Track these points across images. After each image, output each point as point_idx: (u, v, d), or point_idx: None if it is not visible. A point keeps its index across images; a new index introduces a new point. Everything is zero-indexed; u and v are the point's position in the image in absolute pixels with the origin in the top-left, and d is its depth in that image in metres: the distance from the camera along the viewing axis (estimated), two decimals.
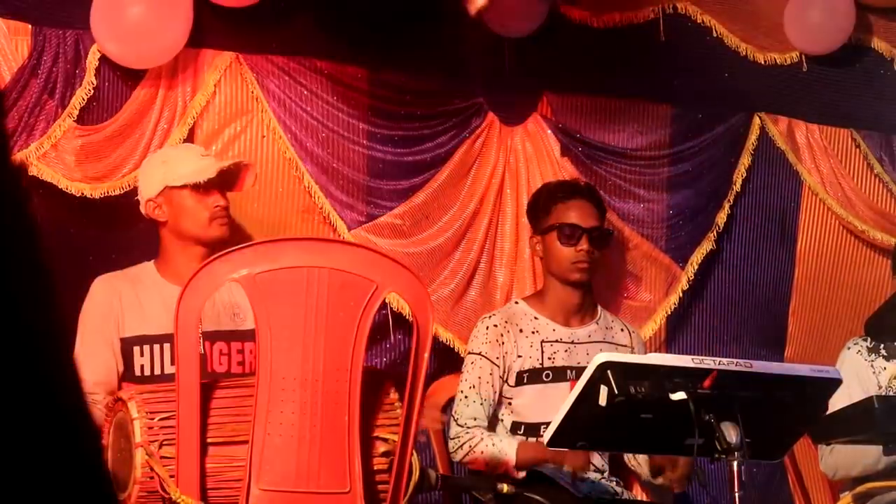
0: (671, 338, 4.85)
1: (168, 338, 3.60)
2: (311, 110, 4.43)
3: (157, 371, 3.73)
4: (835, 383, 3.09)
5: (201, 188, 3.80)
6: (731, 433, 2.95)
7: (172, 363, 3.45)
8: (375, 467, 3.16)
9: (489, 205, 4.62)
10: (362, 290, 3.11)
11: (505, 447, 3.97)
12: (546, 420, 3.38)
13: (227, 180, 3.89)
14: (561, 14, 4.80)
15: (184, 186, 3.80)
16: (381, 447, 3.16)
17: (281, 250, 3.15)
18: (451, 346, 4.48)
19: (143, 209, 3.87)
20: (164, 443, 2.97)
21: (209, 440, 3.01)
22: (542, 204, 4.27)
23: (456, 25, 4.65)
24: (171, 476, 2.94)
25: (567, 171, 4.69)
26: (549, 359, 4.15)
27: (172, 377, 3.17)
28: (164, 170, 3.84)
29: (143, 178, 3.91)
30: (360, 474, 3.05)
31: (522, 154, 4.69)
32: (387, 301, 3.98)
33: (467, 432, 4.02)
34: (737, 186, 4.93)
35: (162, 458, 2.96)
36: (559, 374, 4.13)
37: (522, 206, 4.53)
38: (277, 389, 3.01)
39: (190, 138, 4.22)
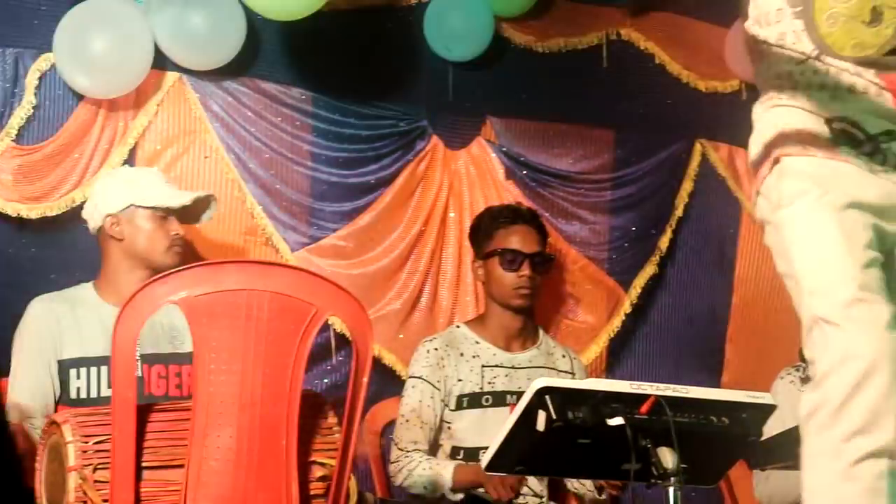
0: (612, 362, 4.87)
1: (106, 360, 3.57)
2: (255, 131, 4.42)
3: (94, 394, 3.70)
4: (769, 409, 3.10)
5: (165, 214, 3.79)
6: (667, 458, 2.96)
7: (110, 386, 3.42)
8: (312, 492, 3.13)
9: (434, 227, 4.63)
10: (302, 313, 3.10)
11: (441, 470, 3.97)
12: (485, 445, 3.38)
13: (189, 211, 3.88)
14: (505, 38, 4.82)
15: (150, 208, 3.78)
16: (318, 471, 3.14)
17: (221, 273, 3.13)
18: (393, 369, 4.47)
19: (97, 223, 3.83)
20: (99, 467, 2.93)
21: (144, 464, 2.97)
22: (484, 229, 4.29)
23: (401, 49, 4.67)
24: (105, 501, 2.90)
25: (511, 194, 4.70)
26: (490, 383, 4.15)
27: (109, 400, 3.14)
28: (133, 189, 3.81)
29: (104, 192, 3.86)
30: (297, 499, 3.02)
31: (466, 177, 4.71)
32: (329, 322, 3.97)
33: (407, 456, 4.02)
34: (679, 211, 4.96)
35: (96, 482, 2.92)
36: (499, 398, 4.13)
37: (466, 230, 4.55)
38: (215, 413, 2.98)
39: (131, 159, 4.20)
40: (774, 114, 2.51)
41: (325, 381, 4.37)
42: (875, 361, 2.25)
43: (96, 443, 2.96)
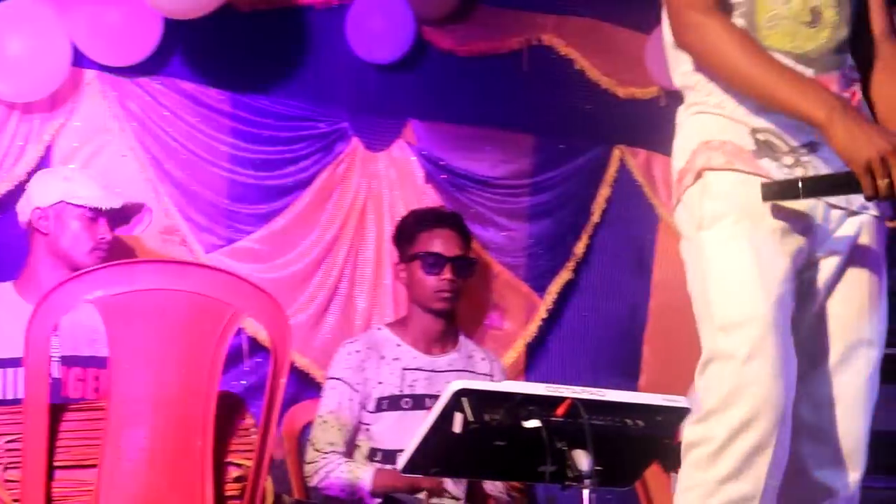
0: (530, 366, 4.88)
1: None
2: (172, 131, 4.38)
3: (11, 395, 3.64)
4: (684, 412, 3.13)
5: (95, 215, 3.75)
6: (582, 461, 2.98)
7: None
8: (228, 493, 3.12)
9: (350, 230, 4.61)
10: (219, 313, 3.08)
11: (361, 474, 3.96)
12: (403, 447, 3.38)
13: (122, 215, 3.84)
14: (427, 42, 4.83)
15: (80, 207, 3.75)
16: (234, 472, 3.13)
17: (137, 272, 3.11)
18: (307, 373, 4.46)
19: (25, 216, 3.79)
20: (10, 466, 2.90)
21: (57, 464, 2.94)
22: (408, 232, 4.29)
23: (322, 50, 4.66)
24: (16, 500, 2.87)
25: (430, 198, 4.71)
26: (410, 386, 4.15)
27: None
28: (66, 185, 3.79)
29: (38, 186, 3.84)
30: (211, 499, 3.01)
31: (386, 180, 4.70)
32: (242, 325, 3.95)
33: (324, 458, 4.00)
34: (595, 217, 4.99)
35: (7, 481, 2.89)
36: (418, 401, 4.13)
37: (384, 232, 4.54)
38: (129, 412, 2.96)
39: (47, 157, 4.15)
40: (699, 121, 2.48)
41: (243, 382, 4.34)
42: (761, 408, 2.27)
43: (7, 441, 2.93)
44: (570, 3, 5.01)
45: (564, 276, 4.91)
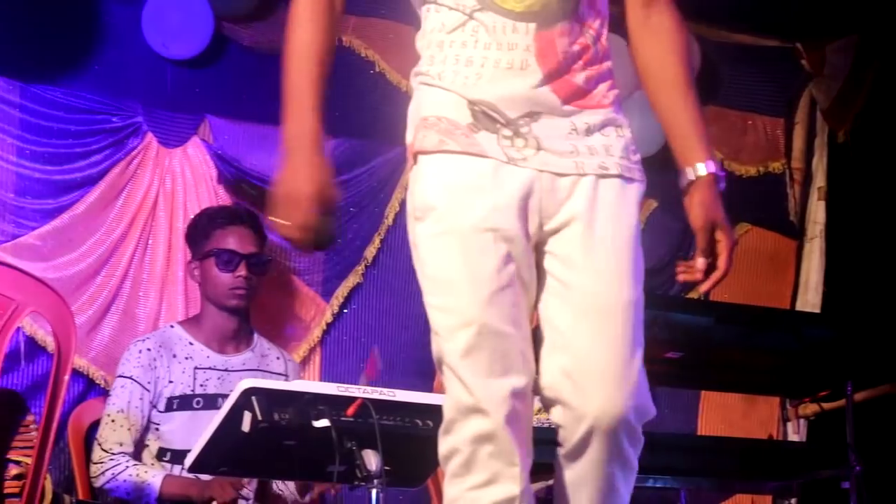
0: (326, 367, 4.86)
1: None
2: None
3: None
4: None
5: None
6: (371, 461, 2.99)
7: None
8: (7, 490, 3.04)
9: (138, 228, 4.50)
10: (1, 308, 3.00)
11: (149, 478, 3.88)
12: (193, 447, 3.34)
13: None
14: (226, 38, 4.77)
15: None
16: (13, 470, 3.05)
17: None
18: (86, 374, 4.35)
19: None
20: None
21: None
22: (202, 229, 4.23)
23: (117, 43, 4.56)
24: None
25: (223, 197, 4.65)
26: (202, 385, 4.09)
27: None
28: None
29: None
30: None
31: (181, 177, 4.62)
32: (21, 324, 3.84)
33: (112, 458, 3.92)
34: (389, 220, 4.99)
35: None
36: (210, 401, 4.08)
37: (176, 230, 4.47)
38: None
39: None
40: (421, 94, 2.35)
41: (25, 381, 4.21)
42: (493, 417, 2.17)
43: None
44: (372, 4, 5.00)
45: (353, 280, 4.89)
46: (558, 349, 2.26)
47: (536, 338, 2.29)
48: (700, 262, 2.32)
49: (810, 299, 5.53)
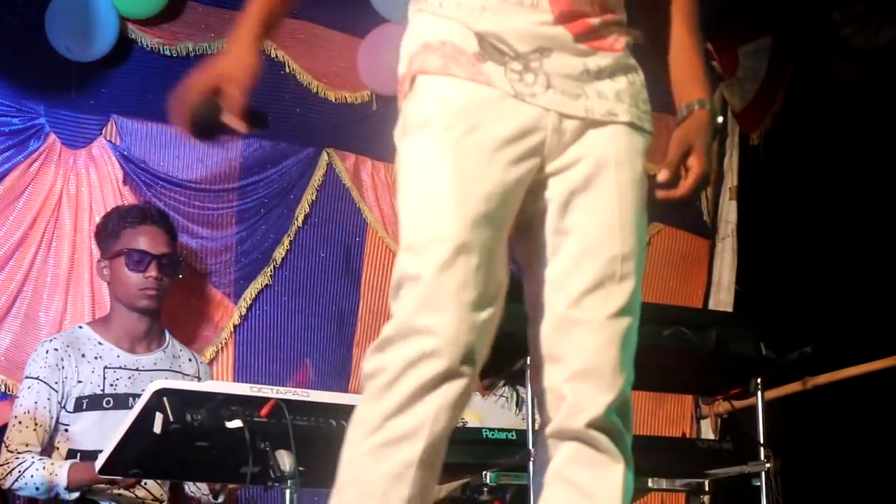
0: (239, 368, 4.81)
1: None
2: None
3: None
4: None
5: None
6: (285, 461, 2.96)
7: None
8: None
9: (39, 230, 4.43)
10: None
11: (56, 469, 3.84)
12: (104, 448, 3.29)
13: None
14: (132, 39, 4.71)
15: None
16: None
17: None
18: None
19: None
20: None
21: None
22: (111, 228, 4.18)
23: (20, 44, 4.49)
24: None
25: (129, 198, 4.58)
26: (112, 385, 4.05)
27: None
28: None
29: None
30: None
31: (86, 178, 4.55)
32: None
33: (17, 458, 3.86)
34: (298, 221, 4.94)
35: None
36: (121, 401, 4.03)
37: (81, 231, 4.42)
38: None
39: None
40: (420, 20, 2.24)
41: None
42: (441, 341, 2.03)
43: None
44: None
45: (262, 280, 4.84)
46: (554, 302, 2.16)
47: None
48: (662, 173, 2.27)
49: (723, 298, 5.58)
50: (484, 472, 3.62)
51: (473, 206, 2.09)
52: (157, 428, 2.92)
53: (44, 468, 3.84)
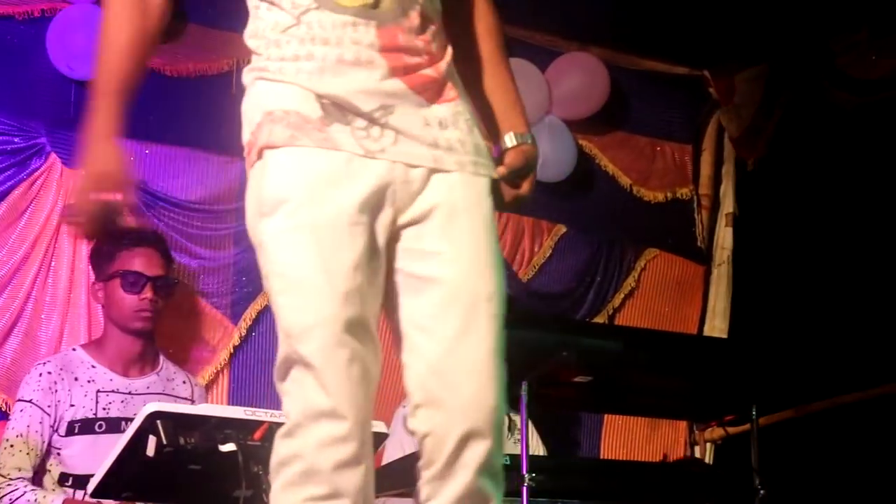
0: (235, 390, 4.80)
1: None
2: None
3: None
4: (381, 437, 3.15)
5: None
6: None
7: None
8: None
9: (41, 250, 4.43)
10: None
11: (48, 503, 3.81)
12: (96, 472, 3.29)
13: None
14: None
15: None
16: None
17: None
18: None
19: None
20: None
21: None
22: (107, 250, 4.17)
23: (21, 63, 4.50)
24: None
25: (128, 219, 4.57)
26: (104, 409, 4.03)
27: None
28: None
29: None
30: None
31: None
32: None
33: (9, 483, 3.85)
34: None
35: None
36: (113, 424, 4.01)
37: (80, 252, 4.41)
38: None
39: None
40: (261, 88, 2.26)
41: None
42: (348, 421, 2.10)
43: None
44: None
45: (262, 301, 4.83)
46: (423, 346, 2.21)
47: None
48: (500, 169, 2.38)
49: (717, 325, 5.59)
50: None
51: (344, 282, 2.13)
52: (151, 451, 2.93)
53: (35, 500, 3.81)
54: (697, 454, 5.40)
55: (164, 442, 2.93)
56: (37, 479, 3.93)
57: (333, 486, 2.09)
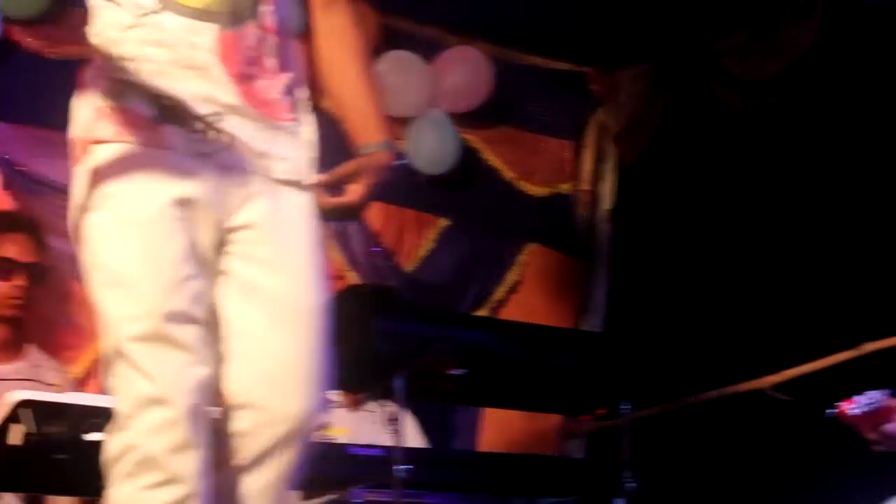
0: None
1: None
2: None
3: None
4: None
5: None
6: None
7: None
8: None
9: None
10: None
11: None
12: None
13: None
14: (13, 43, 4.65)
15: None
16: None
17: None
18: None
19: None
20: None
21: None
22: None
23: None
24: None
25: (7, 204, 4.52)
26: None
27: None
28: None
29: None
30: None
31: None
32: None
33: None
34: None
35: None
36: None
37: None
38: None
39: None
40: (95, 86, 2.26)
41: None
42: (177, 406, 2.11)
43: None
44: None
45: None
46: (251, 353, 2.24)
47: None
48: (323, 176, 2.36)
49: (593, 320, 5.66)
50: (350, 489, 3.65)
51: (169, 274, 2.16)
52: (15, 440, 2.90)
53: None
54: (571, 447, 5.46)
55: (30, 430, 2.90)
56: None
57: (170, 472, 2.11)
